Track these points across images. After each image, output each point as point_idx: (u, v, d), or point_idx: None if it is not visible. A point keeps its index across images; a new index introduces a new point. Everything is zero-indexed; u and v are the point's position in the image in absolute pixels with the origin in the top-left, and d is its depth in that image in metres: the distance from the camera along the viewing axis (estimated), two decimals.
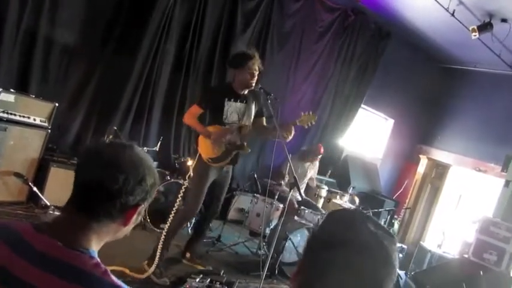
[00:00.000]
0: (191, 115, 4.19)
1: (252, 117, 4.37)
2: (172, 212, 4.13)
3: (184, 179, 4.42)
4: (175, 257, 4.68)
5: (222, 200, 4.60)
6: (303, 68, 7.98)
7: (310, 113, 4.16)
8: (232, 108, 4.20)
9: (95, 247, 1.25)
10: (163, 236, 4.10)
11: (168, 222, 4.14)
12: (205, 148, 4.17)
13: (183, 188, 4.25)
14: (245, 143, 4.29)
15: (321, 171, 7.64)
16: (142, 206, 1.30)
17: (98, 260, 1.22)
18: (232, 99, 4.19)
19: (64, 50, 5.53)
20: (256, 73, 4.15)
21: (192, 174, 4.35)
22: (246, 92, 4.26)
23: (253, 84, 4.17)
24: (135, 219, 1.32)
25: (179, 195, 4.19)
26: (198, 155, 4.22)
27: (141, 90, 6.13)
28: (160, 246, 4.05)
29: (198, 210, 4.25)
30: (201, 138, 4.21)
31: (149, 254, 4.16)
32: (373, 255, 1.00)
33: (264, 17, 7.20)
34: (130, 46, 5.93)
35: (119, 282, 1.19)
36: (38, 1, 5.15)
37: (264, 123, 4.49)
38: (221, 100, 4.16)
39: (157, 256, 4.01)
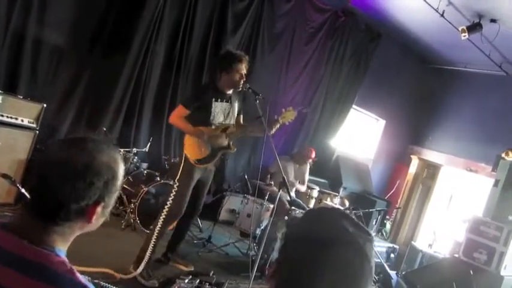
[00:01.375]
0: (178, 116, 4.09)
1: (235, 116, 4.36)
2: (163, 214, 4.09)
3: (174, 181, 4.32)
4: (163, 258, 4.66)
5: (204, 199, 4.55)
6: (294, 69, 8.00)
7: (291, 108, 4.11)
8: (218, 109, 4.15)
9: (61, 246, 1.24)
10: (149, 238, 4.07)
11: (157, 224, 4.11)
12: (192, 149, 4.11)
13: (174, 190, 4.19)
14: (231, 143, 4.28)
15: (313, 173, 7.63)
16: (103, 203, 1.28)
17: (64, 258, 1.22)
18: (219, 100, 4.15)
19: (53, 50, 5.50)
20: (244, 74, 4.13)
21: (179, 175, 4.24)
22: (230, 91, 4.24)
23: (241, 85, 4.15)
24: (102, 214, 1.31)
25: (170, 198, 4.14)
26: (184, 156, 4.13)
27: (131, 91, 6.11)
28: (145, 248, 4.02)
29: (184, 209, 4.18)
30: (188, 139, 4.13)
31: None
32: (348, 254, 1.01)
33: (254, 18, 7.20)
34: (120, 47, 5.90)
35: (85, 281, 1.20)
36: (26, 2, 5.12)
37: (241, 121, 4.49)
38: (209, 100, 4.10)
39: (145, 258, 3.99)
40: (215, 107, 4.12)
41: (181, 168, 4.15)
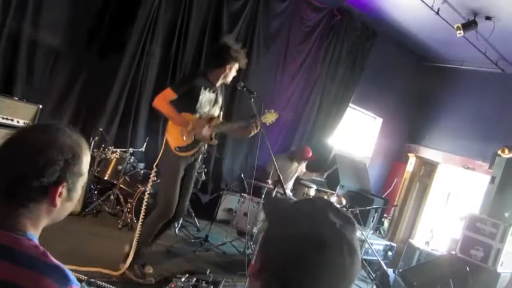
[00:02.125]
0: (164, 99, 3.92)
1: (219, 109, 4.29)
2: (144, 204, 4.08)
3: (154, 168, 4.17)
4: (159, 256, 4.68)
5: (189, 198, 4.39)
6: (290, 68, 8.01)
7: (273, 110, 4.10)
8: (206, 98, 4.07)
9: (32, 231, 1.26)
10: (137, 235, 4.03)
11: (140, 221, 4.06)
12: (174, 135, 3.99)
13: (152, 176, 4.15)
14: (213, 135, 4.16)
15: (312, 171, 7.64)
16: (65, 183, 1.29)
17: (36, 242, 1.23)
18: (207, 89, 4.07)
19: (49, 52, 5.52)
20: (239, 68, 4.12)
21: (160, 165, 4.11)
22: (219, 84, 4.18)
23: (230, 79, 4.13)
24: (67, 197, 1.32)
25: (149, 183, 4.16)
26: (164, 142, 4.01)
27: (127, 91, 6.13)
28: (135, 245, 3.99)
29: (175, 206, 4.03)
30: (171, 125, 4.01)
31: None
32: (338, 250, 1.00)
33: (250, 18, 7.21)
34: (116, 47, 5.92)
35: (59, 263, 1.20)
36: (21, 4, 5.13)
37: (221, 119, 4.33)
38: (199, 88, 4.00)
39: (131, 255, 3.97)
40: (203, 95, 4.04)
41: (161, 153, 4.03)
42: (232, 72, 4.09)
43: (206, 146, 4.27)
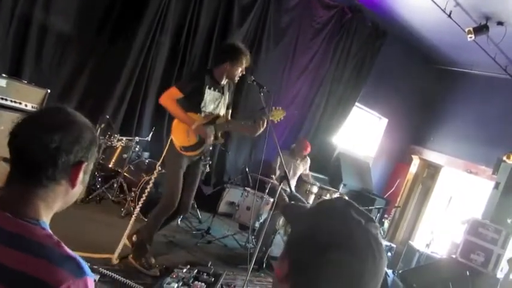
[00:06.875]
0: (170, 97, 3.96)
1: (225, 108, 4.30)
2: (144, 196, 4.17)
3: (159, 164, 4.31)
4: (162, 247, 4.68)
5: (194, 195, 4.37)
6: (298, 65, 7.98)
7: (280, 108, 4.11)
8: (210, 97, 4.08)
9: (45, 217, 1.23)
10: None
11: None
12: (179, 134, 4.02)
13: (155, 172, 4.25)
14: (219, 134, 4.20)
15: (315, 169, 7.62)
16: (86, 163, 1.28)
17: (50, 231, 1.21)
18: (211, 88, 4.08)
19: (59, 37, 5.51)
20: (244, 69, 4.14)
21: (164, 160, 4.16)
22: (224, 82, 4.20)
23: (237, 79, 4.17)
24: (82, 178, 1.31)
25: (152, 177, 4.25)
26: (170, 140, 4.05)
27: (135, 80, 6.12)
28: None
29: (178, 200, 4.05)
30: (176, 124, 4.04)
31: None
32: (367, 248, 0.98)
33: (260, 12, 7.19)
34: (126, 36, 5.92)
35: (73, 253, 1.18)
36: None
37: (229, 116, 4.38)
38: (202, 87, 4.02)
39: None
40: (208, 94, 4.06)
41: (165, 152, 4.08)
42: (234, 69, 4.08)
43: (211, 145, 4.27)
